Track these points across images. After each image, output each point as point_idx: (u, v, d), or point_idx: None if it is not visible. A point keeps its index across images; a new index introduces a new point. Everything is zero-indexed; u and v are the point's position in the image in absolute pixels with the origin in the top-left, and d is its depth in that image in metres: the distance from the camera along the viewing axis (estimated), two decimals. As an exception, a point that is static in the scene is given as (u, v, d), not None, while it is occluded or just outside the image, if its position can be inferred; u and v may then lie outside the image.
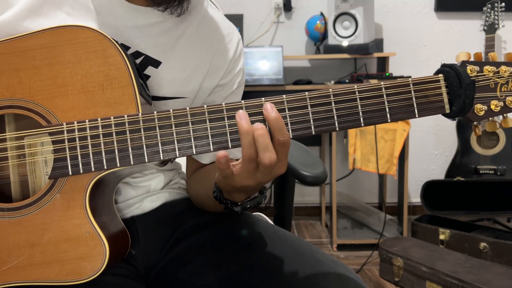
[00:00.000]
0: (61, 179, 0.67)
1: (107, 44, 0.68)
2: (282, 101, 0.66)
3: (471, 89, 0.66)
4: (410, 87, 0.66)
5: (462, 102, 0.66)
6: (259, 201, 0.74)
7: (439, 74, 0.67)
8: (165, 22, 0.81)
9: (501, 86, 0.67)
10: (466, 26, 2.93)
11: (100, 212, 0.70)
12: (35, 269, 0.67)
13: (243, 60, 0.92)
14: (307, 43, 2.95)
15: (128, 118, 0.66)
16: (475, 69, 0.66)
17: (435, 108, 0.66)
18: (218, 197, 0.75)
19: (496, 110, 0.67)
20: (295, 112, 0.66)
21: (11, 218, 0.67)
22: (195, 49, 0.84)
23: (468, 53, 0.67)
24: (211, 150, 0.66)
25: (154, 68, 0.80)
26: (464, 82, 0.66)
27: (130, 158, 0.66)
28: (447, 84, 0.67)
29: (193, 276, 0.78)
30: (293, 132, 0.66)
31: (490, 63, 0.67)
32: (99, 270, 0.66)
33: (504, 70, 0.67)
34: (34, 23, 0.73)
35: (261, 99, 0.66)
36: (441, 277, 1.87)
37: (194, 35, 0.84)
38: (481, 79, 0.66)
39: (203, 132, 0.66)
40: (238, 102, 0.66)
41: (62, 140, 0.67)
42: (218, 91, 0.89)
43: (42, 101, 0.68)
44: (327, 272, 0.74)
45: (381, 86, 0.66)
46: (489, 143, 2.56)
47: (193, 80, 0.84)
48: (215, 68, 0.86)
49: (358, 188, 3.08)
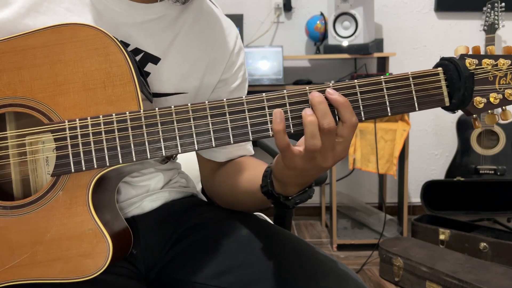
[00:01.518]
0: (63, 177, 0.67)
1: (108, 42, 0.68)
2: (283, 96, 0.66)
3: (470, 82, 0.66)
4: (410, 80, 0.67)
5: (462, 95, 0.66)
6: (309, 194, 0.74)
7: (438, 67, 0.68)
8: (164, 18, 0.81)
9: (500, 78, 0.67)
10: (466, 26, 2.93)
11: (102, 209, 0.70)
12: (38, 267, 0.67)
13: (243, 55, 0.92)
14: (307, 43, 2.95)
15: (130, 114, 0.66)
16: (474, 62, 0.67)
17: (435, 101, 0.67)
18: (270, 191, 0.73)
19: (495, 102, 0.67)
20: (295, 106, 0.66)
21: (13, 216, 0.67)
22: (193, 44, 0.84)
23: (467, 46, 0.68)
24: (213, 145, 0.66)
25: (153, 64, 0.80)
26: (463, 74, 0.66)
27: (133, 155, 0.66)
28: (446, 77, 0.67)
29: (193, 276, 0.78)
30: (294, 128, 0.66)
31: (488, 56, 0.68)
32: (102, 267, 0.66)
33: (502, 63, 0.67)
34: (34, 21, 0.73)
35: (262, 95, 0.66)
36: (441, 277, 1.87)
37: (191, 30, 0.84)
38: (480, 72, 0.67)
39: (204, 128, 0.66)
40: (239, 98, 0.66)
41: (64, 138, 0.67)
42: (222, 86, 0.89)
43: (43, 99, 0.68)
44: (327, 272, 0.74)
45: (381, 80, 0.66)
46: (489, 143, 2.56)
47: (193, 75, 0.84)
48: (215, 62, 0.86)
49: (358, 188, 3.08)
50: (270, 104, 0.66)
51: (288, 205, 0.74)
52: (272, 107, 0.66)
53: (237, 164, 0.90)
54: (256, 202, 0.82)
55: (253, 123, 0.66)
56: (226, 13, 0.91)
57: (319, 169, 0.67)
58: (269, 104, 0.66)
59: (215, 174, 0.93)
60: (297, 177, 0.69)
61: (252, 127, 0.66)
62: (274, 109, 0.65)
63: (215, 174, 0.93)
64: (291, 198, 0.73)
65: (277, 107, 0.66)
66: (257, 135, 0.66)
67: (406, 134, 2.42)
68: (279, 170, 0.70)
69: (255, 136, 0.66)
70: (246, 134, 0.66)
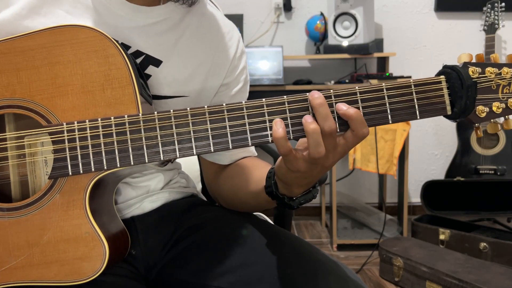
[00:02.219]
0: (61, 179, 0.67)
1: (107, 44, 0.68)
2: (283, 101, 0.66)
3: (472, 91, 0.65)
4: (412, 88, 0.66)
5: (464, 104, 0.65)
6: (314, 194, 0.74)
7: (441, 75, 0.67)
8: (166, 21, 0.81)
9: (503, 87, 0.66)
10: (466, 26, 2.93)
11: (100, 212, 0.69)
12: (35, 269, 0.67)
13: (245, 58, 0.92)
14: (307, 43, 2.95)
15: (129, 118, 0.66)
16: (477, 70, 0.66)
17: (437, 109, 0.66)
18: (274, 193, 0.73)
19: (498, 112, 0.66)
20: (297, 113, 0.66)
21: (10, 218, 0.67)
22: (196, 48, 0.84)
23: (470, 54, 0.67)
24: (212, 150, 0.66)
25: (155, 67, 0.80)
26: (466, 83, 0.65)
27: (131, 159, 0.66)
28: (448, 86, 0.66)
29: (193, 276, 0.78)
30: (293, 134, 0.66)
31: (492, 65, 0.67)
32: (98, 270, 0.66)
33: (506, 71, 0.66)
34: (34, 22, 0.73)
35: (261, 100, 0.66)
36: (441, 277, 1.87)
37: (194, 34, 0.84)
38: (483, 80, 0.66)
39: (203, 132, 0.66)
40: (239, 103, 0.66)
41: (62, 140, 0.66)
42: (224, 90, 0.89)
43: (42, 101, 0.68)
44: (327, 272, 0.74)
45: (383, 87, 0.66)
46: (489, 143, 2.56)
47: (195, 79, 0.84)
48: (218, 66, 0.86)
49: (358, 188, 3.08)
50: (269, 110, 0.66)
51: (292, 205, 0.74)
52: (272, 112, 0.66)
53: (240, 166, 0.90)
54: (260, 203, 0.82)
55: (252, 129, 0.66)
56: (226, 13, 0.91)
57: (321, 168, 0.68)
58: (269, 110, 0.66)
59: (219, 177, 0.93)
60: (300, 178, 0.69)
61: (252, 132, 0.66)
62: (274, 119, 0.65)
63: (219, 176, 0.93)
64: (296, 199, 0.73)
65: (276, 113, 0.65)
66: (256, 141, 0.66)
67: (406, 134, 2.42)
68: (282, 172, 0.70)
69: (254, 142, 0.66)
70: (245, 139, 0.66)
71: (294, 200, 0.73)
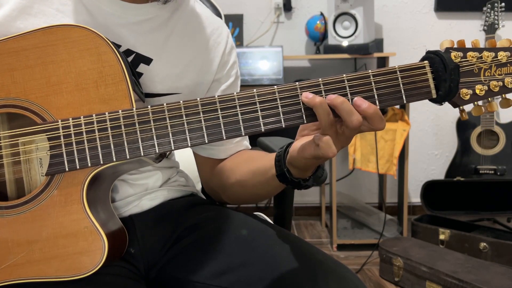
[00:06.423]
0: (57, 176, 0.68)
1: (99, 42, 0.69)
2: (274, 91, 0.67)
3: (456, 74, 0.67)
4: (397, 73, 0.68)
5: (448, 87, 0.67)
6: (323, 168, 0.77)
7: (425, 60, 0.69)
8: (155, 19, 0.81)
9: (485, 71, 0.69)
10: (466, 26, 2.93)
11: (97, 207, 0.70)
12: (35, 265, 0.67)
13: (235, 53, 0.93)
14: (307, 43, 2.95)
15: (123, 113, 0.67)
16: (459, 55, 0.68)
17: (422, 93, 0.68)
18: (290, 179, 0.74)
19: (481, 94, 0.68)
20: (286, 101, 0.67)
21: (9, 216, 0.68)
22: (186, 45, 0.85)
23: (452, 40, 0.69)
24: (206, 142, 0.67)
25: (146, 65, 0.81)
26: (449, 67, 0.67)
27: (126, 152, 0.67)
28: (432, 70, 0.68)
29: (193, 275, 0.78)
30: (285, 122, 0.67)
31: (473, 49, 0.69)
32: (98, 264, 0.67)
33: (486, 55, 0.69)
34: (25, 23, 0.74)
35: (253, 90, 0.67)
36: (441, 277, 1.87)
37: (183, 32, 0.85)
38: (465, 64, 0.68)
39: (197, 124, 0.67)
40: (231, 94, 0.67)
41: (57, 137, 0.67)
42: (216, 86, 0.90)
43: (36, 100, 0.68)
44: (327, 272, 0.74)
45: (369, 74, 0.67)
46: (489, 143, 2.56)
47: (186, 76, 0.85)
48: (208, 63, 0.87)
49: (358, 188, 3.07)
50: (260, 99, 0.67)
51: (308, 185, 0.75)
52: (263, 102, 0.67)
53: (240, 158, 0.90)
54: (269, 191, 0.83)
55: (245, 119, 0.67)
56: (226, 13, 0.92)
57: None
58: (260, 99, 0.67)
59: (218, 172, 0.93)
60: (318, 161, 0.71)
61: (244, 122, 0.67)
62: (303, 93, 0.66)
63: (219, 171, 0.93)
64: (309, 178, 0.75)
65: (268, 102, 0.67)
66: (249, 130, 0.67)
67: (406, 134, 2.42)
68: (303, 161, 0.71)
69: (247, 131, 0.67)
70: (238, 129, 0.67)
71: (308, 180, 0.75)
